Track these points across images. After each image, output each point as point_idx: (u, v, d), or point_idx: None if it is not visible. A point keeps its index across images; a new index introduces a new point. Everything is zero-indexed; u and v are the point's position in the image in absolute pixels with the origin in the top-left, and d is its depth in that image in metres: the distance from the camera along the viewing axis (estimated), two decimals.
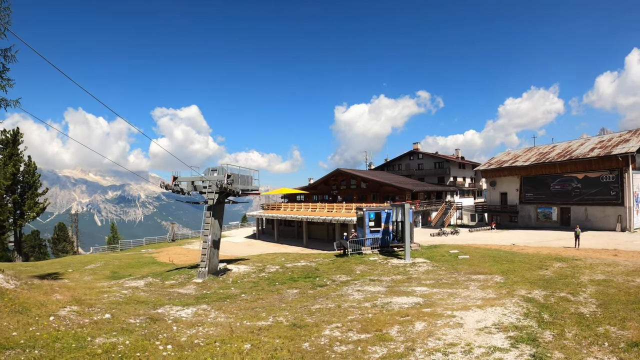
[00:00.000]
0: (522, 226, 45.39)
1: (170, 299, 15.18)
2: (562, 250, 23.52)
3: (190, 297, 15.48)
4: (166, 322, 10.81)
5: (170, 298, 15.33)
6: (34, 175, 46.54)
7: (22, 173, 44.91)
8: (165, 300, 14.64)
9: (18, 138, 44.31)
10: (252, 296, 15.09)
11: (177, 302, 14.15)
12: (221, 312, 12.29)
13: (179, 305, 13.45)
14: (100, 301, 13.63)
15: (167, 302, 14.15)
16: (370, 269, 20.17)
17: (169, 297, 15.46)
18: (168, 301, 14.52)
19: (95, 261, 33.59)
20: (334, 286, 16.27)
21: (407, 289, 14.57)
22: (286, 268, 22.01)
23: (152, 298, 15.19)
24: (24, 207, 44.39)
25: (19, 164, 44.24)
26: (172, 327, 10.16)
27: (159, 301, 14.43)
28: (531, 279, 15.56)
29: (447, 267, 19.52)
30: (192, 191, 21.43)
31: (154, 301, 14.40)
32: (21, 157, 44.58)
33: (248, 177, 22.93)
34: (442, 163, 67.90)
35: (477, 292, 13.57)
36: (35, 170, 47.03)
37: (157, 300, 14.74)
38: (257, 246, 45.42)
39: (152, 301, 14.39)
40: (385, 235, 26.43)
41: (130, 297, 15.13)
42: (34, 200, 45.90)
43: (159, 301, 14.44)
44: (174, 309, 12.92)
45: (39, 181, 47.88)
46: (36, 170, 47.13)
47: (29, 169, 46.07)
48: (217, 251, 21.14)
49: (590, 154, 39.67)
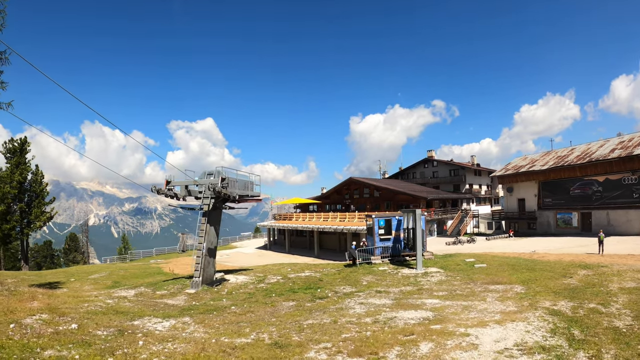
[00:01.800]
0: (541, 233, 43.30)
1: (155, 310, 14.02)
2: (586, 257, 21.78)
3: (176, 309, 14.23)
4: (135, 335, 9.69)
5: (154, 309, 14.14)
6: (41, 184, 46.41)
7: (29, 182, 44.78)
8: (148, 311, 13.50)
9: (25, 147, 44.34)
10: (242, 309, 13.69)
11: (159, 314, 13.01)
12: (202, 325, 11.03)
13: (159, 317, 12.30)
14: (77, 310, 12.74)
15: (149, 314, 13.01)
16: (378, 280, 18.56)
17: (153, 308, 14.28)
18: (151, 312, 13.37)
19: (100, 271, 33.06)
20: (335, 298, 14.76)
21: (416, 302, 13.00)
22: (288, 279, 20.55)
23: (135, 309, 14.08)
24: (30, 216, 44.15)
25: (26, 172, 44.09)
26: (138, 341, 9.05)
27: (141, 312, 13.32)
28: (555, 289, 13.95)
29: (462, 277, 17.80)
30: (187, 196, 20.23)
31: (136, 312, 13.31)
32: (28, 166, 44.46)
33: (248, 182, 21.50)
34: (458, 170, 65.89)
35: (496, 305, 11.93)
36: (43, 179, 46.92)
37: (140, 311, 13.62)
38: (268, 257, 44.21)
39: (133, 312, 13.31)
40: (396, 243, 24.77)
41: (111, 307, 14.11)
42: (41, 210, 45.67)
43: (141, 312, 13.32)
44: (153, 321, 11.78)
45: (46, 190, 47.73)
46: (43, 179, 47.01)
47: (36, 177, 45.97)
48: (212, 260, 19.80)
49: (610, 155, 37.59)
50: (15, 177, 41.41)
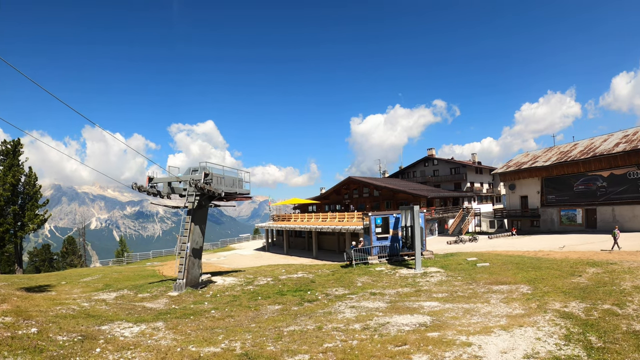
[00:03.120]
0: (544, 231, 42.20)
1: (130, 314, 13.08)
2: (593, 254, 20.76)
3: (152, 313, 13.24)
4: (96, 342, 8.77)
5: (129, 313, 13.19)
6: (35, 187, 45.71)
7: (22, 184, 44.05)
8: (122, 315, 12.58)
9: (18, 149, 43.62)
10: (222, 313, 12.65)
11: (132, 318, 12.06)
12: (172, 331, 10.06)
13: (131, 322, 11.36)
14: (45, 314, 11.78)
15: (122, 318, 12.09)
16: (373, 281, 17.46)
17: (128, 312, 13.34)
18: (125, 316, 12.46)
19: (94, 274, 32.49)
20: (325, 301, 13.69)
21: (413, 305, 11.91)
22: (279, 280, 19.48)
23: (109, 312, 13.17)
24: (24, 219, 43.38)
25: (19, 174, 43.32)
26: (95, 349, 8.15)
27: (114, 316, 12.40)
28: (564, 288, 12.92)
29: (464, 277, 16.69)
30: (171, 194, 19.11)
31: (109, 316, 12.38)
32: (21, 168, 43.69)
33: (236, 178, 20.31)
34: (459, 169, 64.72)
35: (500, 307, 10.84)
36: (36, 181, 46.23)
37: (114, 315, 12.70)
38: (265, 258, 43.14)
39: (106, 316, 12.37)
40: (394, 242, 23.63)
41: (84, 311, 13.14)
42: (34, 212, 44.95)
43: (115, 316, 12.40)
44: (123, 326, 10.85)
45: (40, 192, 47.02)
46: (37, 181, 46.32)
47: (29, 180, 45.25)
48: (198, 261, 18.68)
49: (615, 149, 36.47)
50: (8, 179, 40.66)
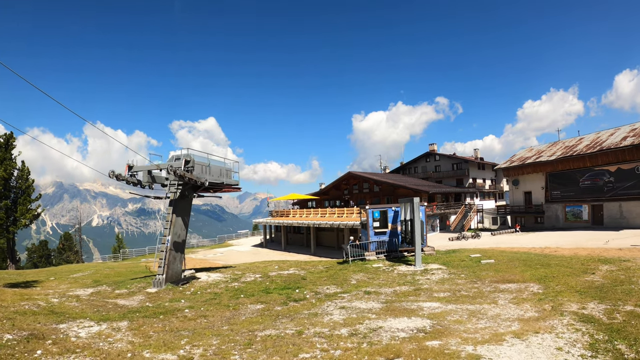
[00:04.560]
0: (548, 227, 40.99)
1: (97, 311, 12.04)
2: (603, 251, 19.62)
3: (122, 310, 12.19)
4: (44, 342, 7.78)
5: (97, 310, 12.15)
6: (27, 181, 44.74)
7: (15, 178, 43.07)
8: (88, 313, 11.53)
9: (11, 142, 42.56)
10: (197, 312, 11.47)
11: (97, 316, 11.03)
12: (133, 333, 8.98)
13: (94, 320, 10.34)
14: (6, 309, 11.05)
15: (87, 316, 11.05)
16: (369, 278, 16.18)
17: (97, 310, 12.28)
18: (92, 314, 11.42)
19: (85, 270, 31.29)
20: (313, 301, 12.41)
21: (411, 306, 10.65)
22: (268, 277, 18.26)
23: (76, 309, 12.15)
24: (16, 214, 42.44)
25: (11, 168, 42.30)
26: (37, 350, 7.20)
27: (80, 314, 11.39)
28: (578, 287, 11.73)
29: (468, 275, 15.42)
30: (153, 184, 17.86)
31: (74, 313, 11.38)
32: (14, 162, 42.69)
33: (224, 168, 18.96)
34: (461, 164, 63.34)
35: (510, 309, 9.59)
36: (29, 175, 45.25)
37: (80, 312, 11.69)
38: (262, 255, 42.03)
39: (70, 313, 11.38)
40: (393, 237, 22.35)
41: (49, 307, 12.19)
42: (27, 207, 44.00)
43: (80, 314, 11.39)
44: (84, 324, 9.83)
45: (32, 187, 46.06)
46: (29, 175, 45.33)
47: (22, 174, 44.28)
48: (180, 255, 17.44)
49: (622, 143, 35.15)
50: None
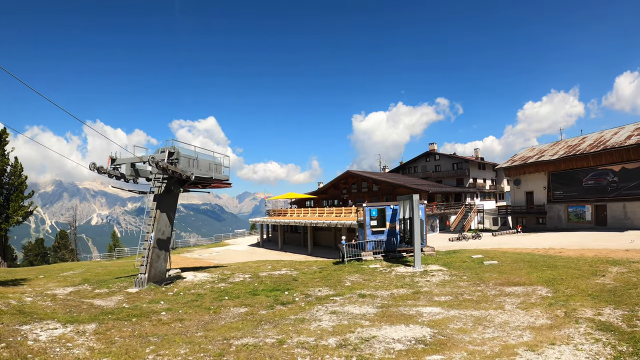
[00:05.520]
0: (551, 228, 40.13)
1: (69, 312, 11.30)
2: (610, 252, 18.78)
3: (95, 312, 11.42)
4: None
5: (69, 311, 11.39)
6: (20, 177, 43.90)
7: (7, 175, 42.24)
8: (58, 314, 10.81)
9: (4, 138, 41.64)
10: (173, 315, 10.60)
11: (66, 317, 10.26)
12: (97, 337, 8.20)
13: (61, 322, 9.59)
14: None
15: (55, 317, 10.31)
16: (365, 280, 15.19)
17: (68, 310, 11.52)
18: (62, 315, 10.70)
19: (77, 268, 30.34)
20: (302, 304, 11.43)
21: (410, 311, 9.70)
22: (257, 277, 17.33)
23: (47, 310, 11.42)
24: (8, 210, 41.58)
25: (3, 164, 41.42)
26: None
27: (49, 314, 10.68)
28: (590, 291, 10.85)
29: (470, 276, 14.46)
30: (138, 177, 16.91)
31: (43, 314, 10.66)
32: (6, 159, 41.80)
33: (212, 162, 17.88)
34: (461, 164, 62.38)
35: (519, 315, 8.66)
36: (22, 172, 44.38)
37: (50, 312, 10.98)
38: (258, 254, 41.12)
39: (39, 313, 10.66)
40: (391, 236, 21.39)
41: (18, 307, 11.47)
42: (19, 203, 43.12)
43: (50, 314, 10.68)
44: (49, 326, 9.10)
45: (25, 184, 45.20)
46: (22, 171, 44.51)
47: (15, 170, 43.43)
48: (164, 253, 16.45)
49: (627, 142, 34.27)
50: None
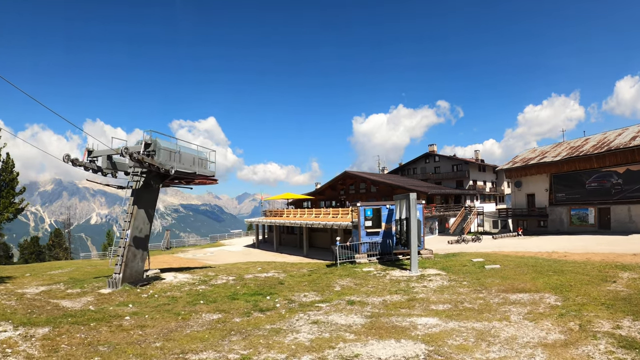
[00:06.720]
0: (552, 231, 39.14)
1: (29, 313, 10.49)
2: (617, 256, 17.79)
3: (56, 314, 10.43)
4: None
5: (29, 312, 10.56)
6: (12, 174, 42.77)
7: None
8: (17, 315, 10.13)
9: None
10: (138, 321, 9.60)
11: (21, 319, 9.62)
12: (43, 343, 7.43)
13: (14, 324, 9.09)
14: None
15: (13, 318, 9.78)
16: (356, 285, 14.03)
17: (29, 312, 10.67)
18: (20, 316, 10.00)
19: (67, 267, 29.50)
20: (282, 311, 10.25)
21: (403, 322, 8.56)
22: (241, 280, 16.23)
23: (7, 310, 10.77)
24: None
25: None
26: None
27: (9, 315, 10.13)
28: (602, 299, 9.78)
29: (471, 282, 13.32)
30: (116, 171, 15.89)
31: (2, 315, 10.12)
32: None
33: (197, 157, 16.62)
34: (461, 166, 61.40)
35: (527, 328, 7.54)
36: (13, 168, 43.34)
37: (10, 313, 10.39)
38: (253, 255, 40.07)
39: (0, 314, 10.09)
40: (387, 238, 20.32)
41: None
42: (9, 200, 42.00)
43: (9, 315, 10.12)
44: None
45: (17, 180, 44.08)
46: (14, 168, 43.44)
47: (6, 166, 42.34)
48: (141, 253, 15.33)
49: (631, 143, 33.41)
50: None
